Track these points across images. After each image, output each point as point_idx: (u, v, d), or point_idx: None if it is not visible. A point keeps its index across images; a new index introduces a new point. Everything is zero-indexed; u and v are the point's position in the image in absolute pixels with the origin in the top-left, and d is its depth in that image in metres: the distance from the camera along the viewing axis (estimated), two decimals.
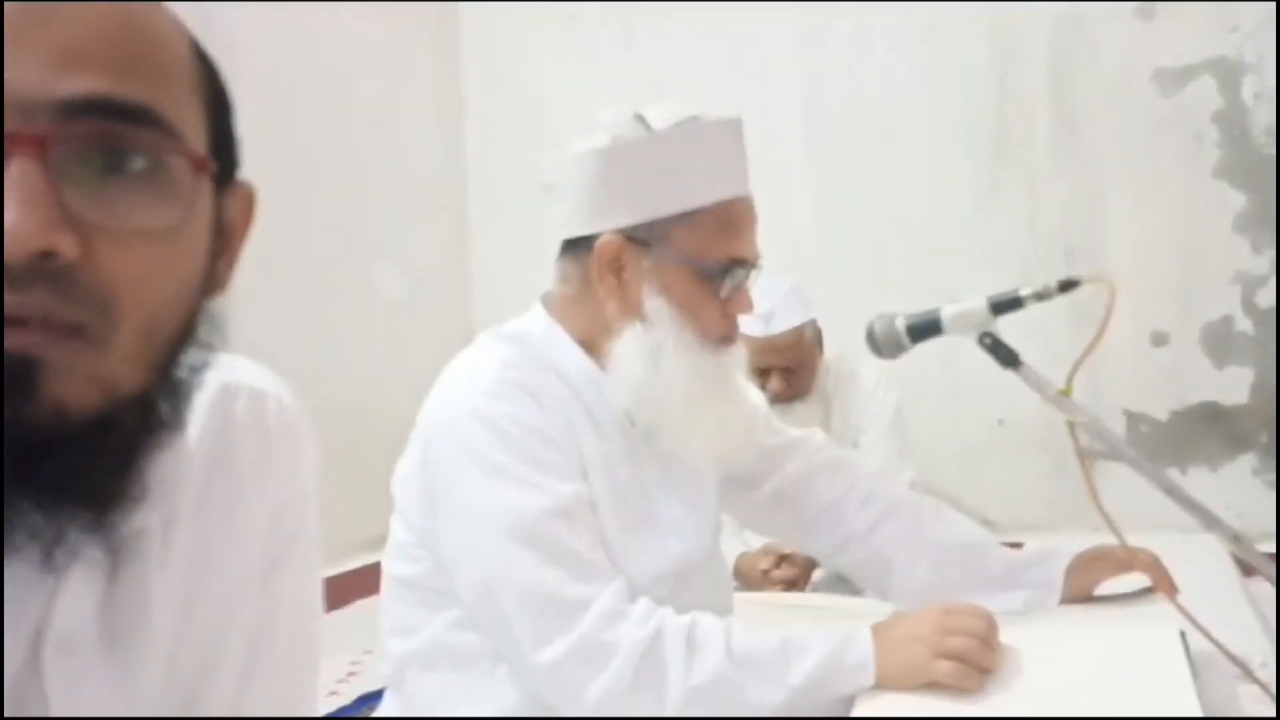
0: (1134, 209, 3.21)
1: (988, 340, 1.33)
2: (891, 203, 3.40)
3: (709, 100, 3.68)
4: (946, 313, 1.35)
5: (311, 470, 0.83)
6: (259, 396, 0.80)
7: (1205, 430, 3.15)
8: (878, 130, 3.42)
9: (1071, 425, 1.30)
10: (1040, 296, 1.30)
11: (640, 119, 1.31)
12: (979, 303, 1.33)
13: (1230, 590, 1.88)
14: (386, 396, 3.27)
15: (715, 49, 3.57)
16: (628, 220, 1.30)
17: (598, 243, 1.31)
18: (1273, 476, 3.10)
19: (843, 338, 2.98)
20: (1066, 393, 1.30)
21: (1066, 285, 1.29)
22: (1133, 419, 3.22)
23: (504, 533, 1.20)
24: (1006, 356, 1.33)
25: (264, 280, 3.02)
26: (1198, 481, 3.13)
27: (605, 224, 1.31)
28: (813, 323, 2.72)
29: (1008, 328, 1.34)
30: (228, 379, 0.78)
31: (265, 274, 3.02)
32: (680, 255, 1.30)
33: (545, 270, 1.43)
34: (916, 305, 1.41)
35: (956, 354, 3.20)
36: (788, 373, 2.68)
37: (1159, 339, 3.18)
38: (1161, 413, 3.19)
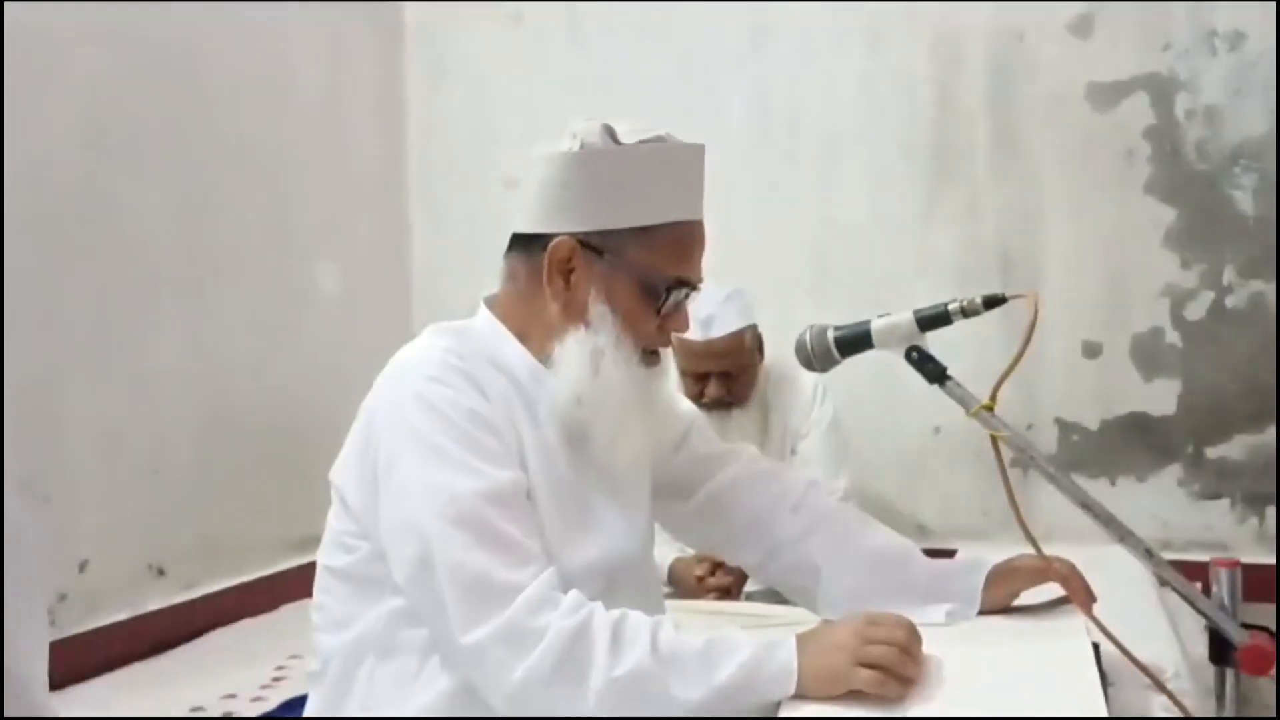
0: (1069, 222, 3.26)
1: (915, 355, 1.36)
2: (833, 210, 3.44)
3: (654, 102, 3.69)
4: (875, 326, 1.37)
5: None
6: None
7: (1134, 440, 3.22)
8: (820, 138, 3.45)
9: (994, 439, 1.32)
10: (966, 313, 1.33)
11: (609, 131, 1.35)
12: (906, 317, 1.36)
13: (1148, 601, 1.93)
14: (324, 394, 3.24)
15: (661, 50, 3.58)
16: (584, 225, 1.33)
17: (552, 243, 1.33)
18: (1197, 487, 3.18)
19: (782, 344, 3.01)
20: (989, 408, 1.32)
21: (992, 301, 1.32)
22: (1065, 428, 3.27)
23: (438, 512, 1.21)
24: (933, 371, 1.36)
25: (204, 275, 2.99)
26: (1126, 491, 3.20)
27: (561, 226, 1.34)
28: (753, 328, 2.74)
29: (948, 336, 1.36)
30: None
31: (205, 269, 2.99)
32: (630, 267, 1.34)
33: (485, 267, 1.44)
34: (857, 313, 1.43)
35: (894, 362, 3.24)
36: (727, 378, 2.69)
37: (1091, 350, 3.24)
38: (1093, 422, 3.25)
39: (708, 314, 2.61)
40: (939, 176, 3.36)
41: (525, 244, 1.38)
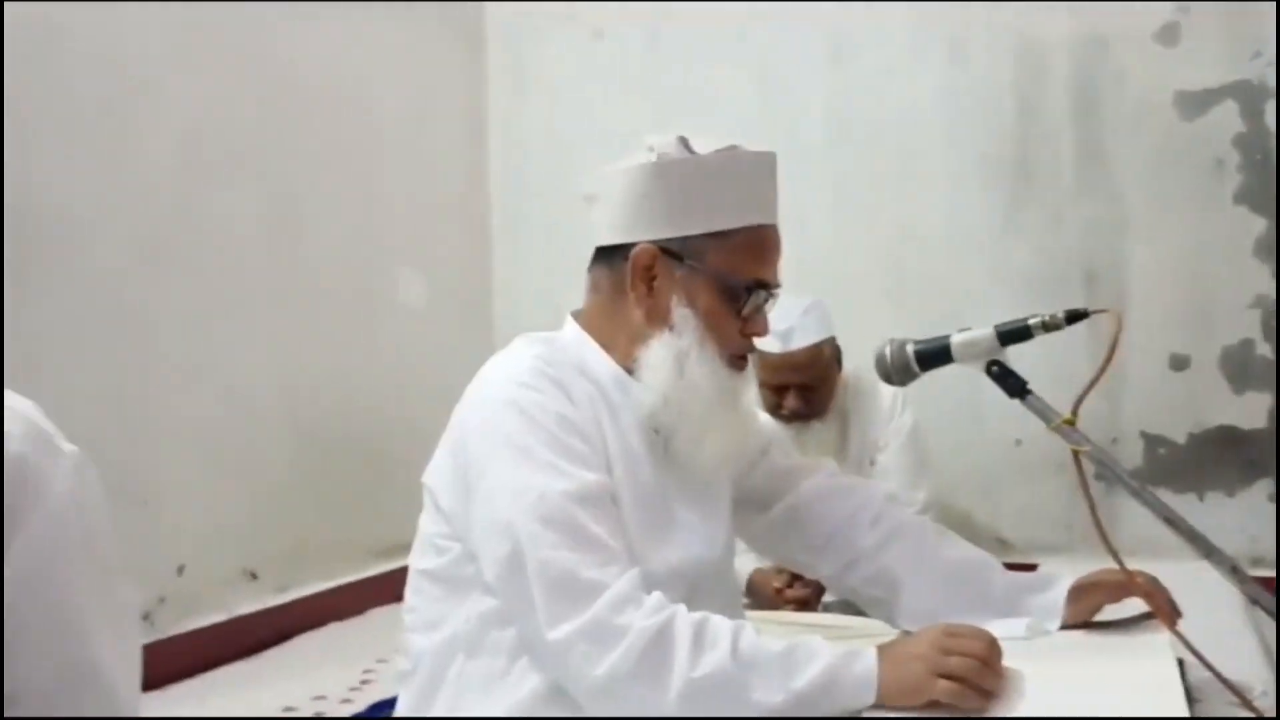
0: (1154, 233, 3.21)
1: (996, 369, 1.36)
2: (913, 223, 3.42)
3: (732, 115, 3.71)
4: (955, 340, 1.38)
5: (56, 505, 0.88)
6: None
7: (1223, 455, 3.15)
8: (900, 150, 3.44)
9: (1076, 454, 1.32)
10: (1048, 327, 1.33)
11: (684, 142, 1.40)
12: (987, 332, 1.36)
13: (1235, 618, 1.89)
14: (407, 403, 3.31)
15: (740, 63, 3.60)
16: (664, 233, 1.39)
17: (633, 251, 1.39)
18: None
19: (861, 356, 3.01)
20: (1071, 422, 1.32)
21: (1074, 316, 1.32)
22: (1151, 442, 3.22)
23: (528, 511, 1.25)
24: (1014, 386, 1.36)
25: (293, 286, 3.08)
26: (1214, 506, 3.13)
27: (642, 234, 1.39)
28: (831, 340, 2.74)
29: (1028, 349, 1.37)
30: None
31: (294, 279, 3.08)
32: (709, 271, 1.39)
33: (564, 278, 1.48)
34: (935, 325, 1.45)
35: (975, 375, 3.21)
36: (805, 390, 2.70)
37: (1178, 362, 3.18)
38: (1180, 436, 3.20)
39: (787, 326, 2.61)
40: (1020, 188, 3.33)
41: (608, 255, 1.44)
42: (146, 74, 2.68)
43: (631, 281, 1.39)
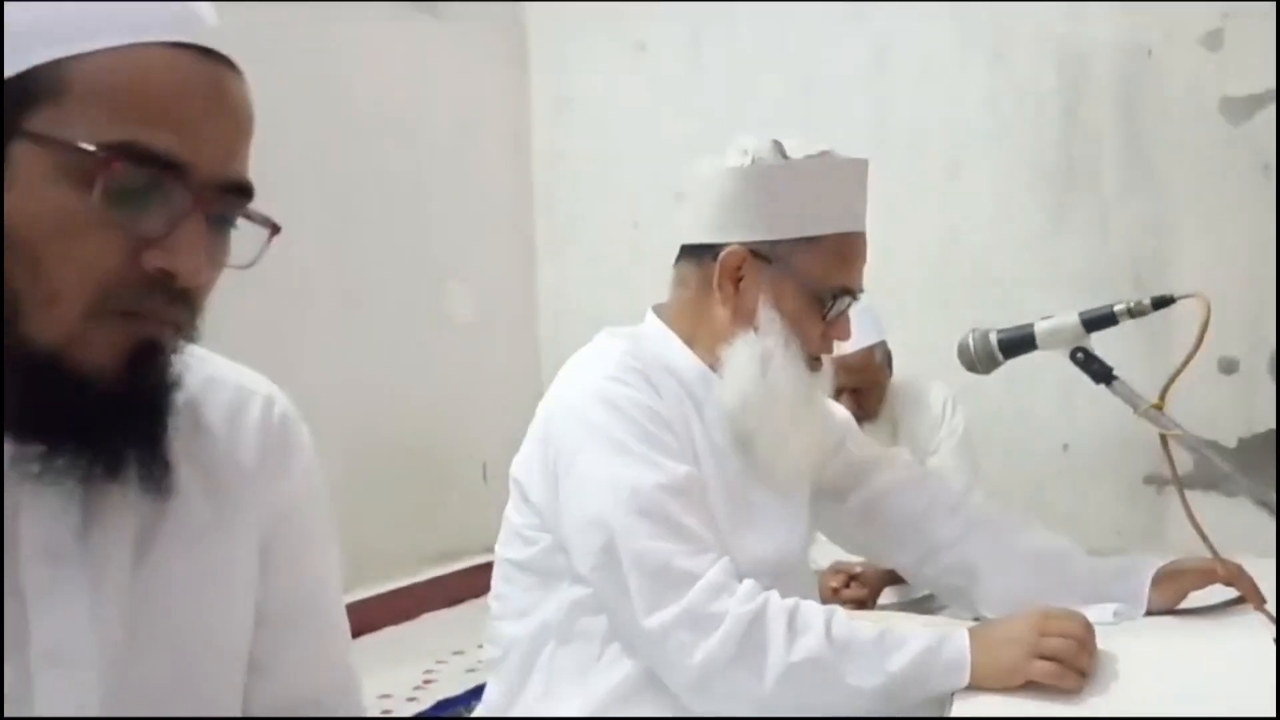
0: (1202, 236, 3.22)
1: (1080, 355, 1.37)
2: (959, 228, 3.44)
3: (774, 123, 3.74)
4: (1040, 328, 1.39)
5: (313, 471, 0.97)
6: (268, 403, 0.94)
7: (1273, 459, 3.15)
8: (945, 156, 3.46)
9: (1164, 439, 1.32)
10: (1133, 313, 1.35)
11: (778, 146, 1.43)
12: (1072, 318, 1.38)
13: None
14: (456, 416, 3.34)
15: (783, 73, 3.63)
16: (755, 235, 1.41)
17: (724, 251, 1.41)
18: None
19: (911, 360, 3.02)
20: (1159, 407, 1.33)
21: (1160, 302, 1.34)
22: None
23: (622, 504, 1.27)
24: (1099, 372, 1.37)
25: (349, 298, 3.12)
26: (1264, 511, 3.12)
27: (733, 235, 1.41)
28: (882, 344, 2.76)
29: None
30: (241, 381, 0.94)
31: (350, 293, 3.12)
32: (797, 275, 1.41)
33: (607, 292, 1.50)
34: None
35: (1023, 378, 3.23)
36: (857, 394, 2.71)
37: (1228, 365, 3.18)
38: (1230, 439, 3.19)
39: None
40: (1066, 192, 3.34)
41: (695, 253, 1.46)
42: None
43: (719, 281, 1.41)
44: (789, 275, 1.41)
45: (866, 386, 2.72)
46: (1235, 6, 3.16)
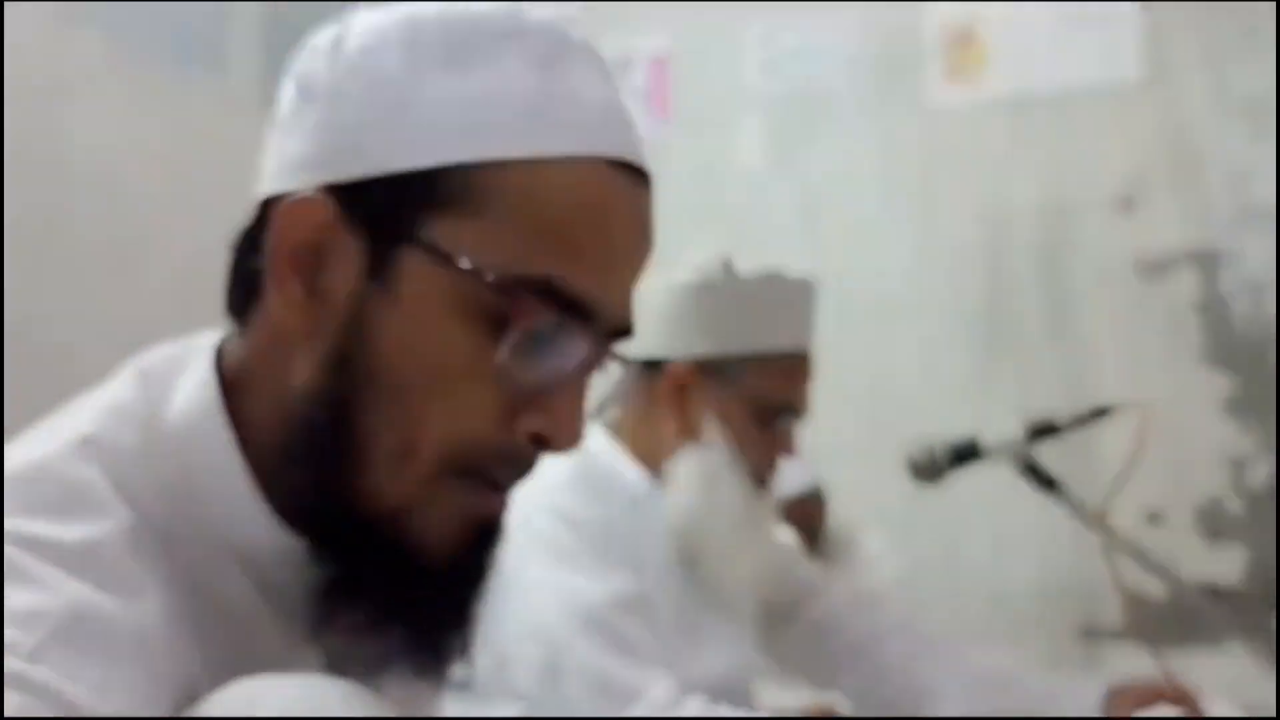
0: (1123, 390, 3.30)
1: (1026, 465, 1.38)
2: (888, 377, 3.50)
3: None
4: (986, 439, 1.40)
5: None
6: None
7: (1203, 610, 3.16)
8: (874, 309, 3.55)
9: (1108, 548, 1.33)
10: (1076, 423, 1.36)
11: (727, 264, 1.46)
12: (1017, 430, 1.39)
13: None
14: None
15: (717, 222, 3.72)
16: (702, 350, 1.41)
17: (671, 366, 1.41)
18: (1274, 657, 3.10)
19: (842, 507, 3.02)
20: (1103, 517, 1.33)
21: (1099, 412, 1.36)
22: (1131, 599, 3.22)
23: (568, 617, 1.25)
24: (1045, 481, 1.37)
25: None
26: (1199, 662, 3.11)
27: (680, 351, 1.42)
28: (818, 489, 2.78)
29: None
30: None
31: None
32: (744, 391, 1.42)
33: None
34: (910, 476, 1.48)
35: (955, 527, 3.23)
36: (792, 536, 2.70)
37: (1154, 519, 3.22)
38: (1160, 592, 3.20)
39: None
40: (991, 347, 3.43)
41: (643, 369, 1.45)
42: None
43: (667, 396, 1.42)
44: (736, 391, 1.42)
45: (802, 530, 2.71)
46: (1147, 173, 3.33)
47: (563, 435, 0.64)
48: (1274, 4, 3.07)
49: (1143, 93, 3.34)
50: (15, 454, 0.58)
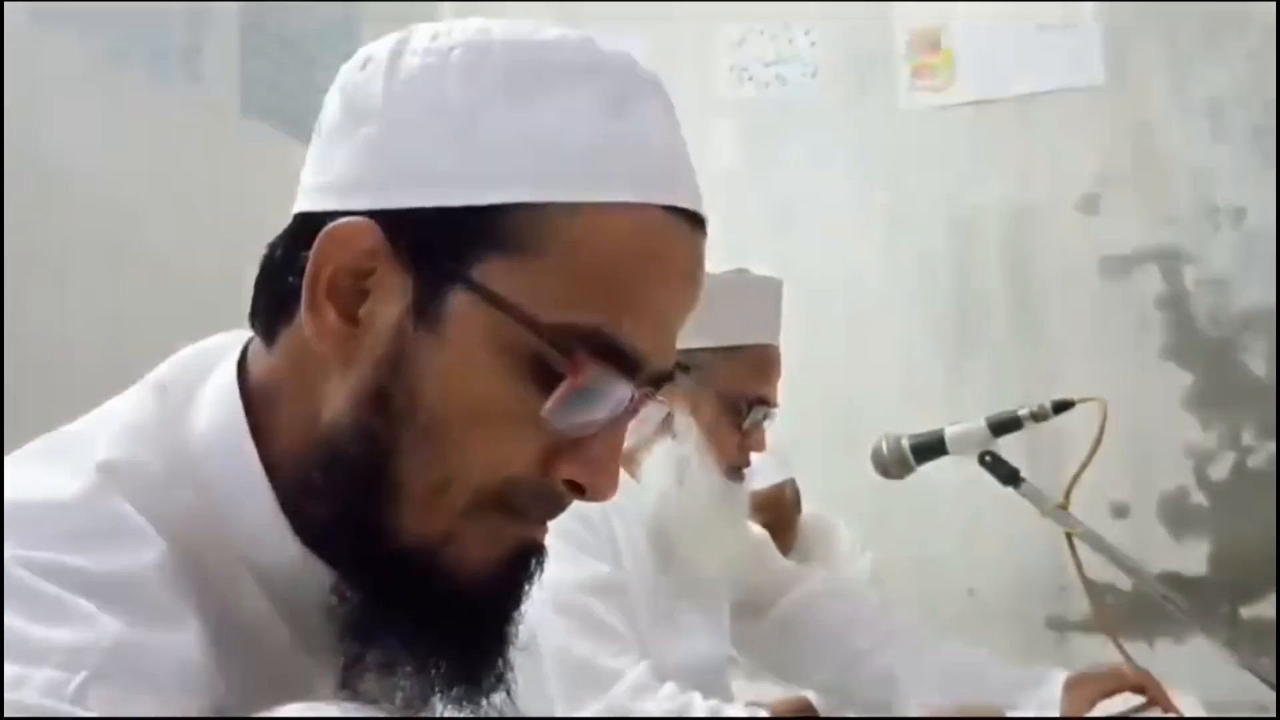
0: (1089, 388, 3.34)
1: (988, 459, 1.42)
2: (863, 377, 3.54)
3: None
4: (950, 433, 1.45)
5: None
6: None
7: (1168, 601, 3.22)
8: (845, 309, 3.60)
9: (1070, 538, 1.37)
10: (1037, 417, 1.41)
11: None
12: (979, 423, 1.44)
13: None
14: None
15: None
16: None
17: None
18: (1237, 647, 3.16)
19: (817, 504, 3.06)
20: (1064, 507, 1.38)
21: (1061, 406, 1.40)
22: (1096, 590, 3.28)
23: (542, 600, 1.25)
24: (1007, 474, 1.42)
25: None
26: (1163, 653, 3.18)
27: None
28: (792, 482, 2.80)
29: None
30: None
31: None
32: (714, 384, 1.46)
33: None
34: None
35: (927, 521, 3.28)
36: (767, 530, 2.73)
37: (1118, 510, 3.29)
38: (1125, 583, 3.26)
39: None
40: (961, 344, 3.49)
41: None
42: None
43: None
44: (706, 384, 1.45)
45: (776, 523, 2.74)
46: (1110, 173, 3.40)
47: (600, 484, 0.63)
48: (1235, 7, 3.15)
49: (1106, 95, 3.41)
50: (30, 477, 0.56)
